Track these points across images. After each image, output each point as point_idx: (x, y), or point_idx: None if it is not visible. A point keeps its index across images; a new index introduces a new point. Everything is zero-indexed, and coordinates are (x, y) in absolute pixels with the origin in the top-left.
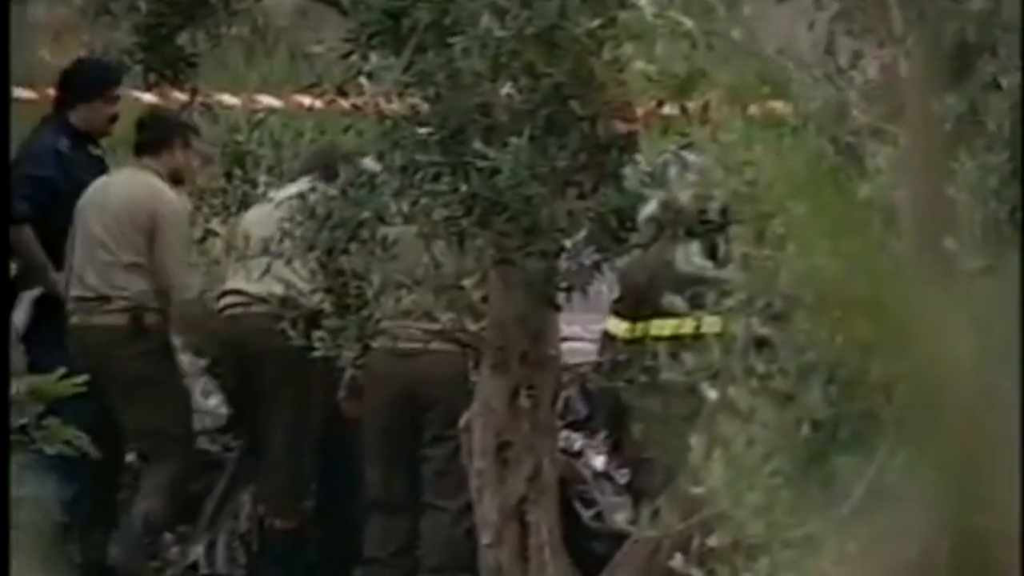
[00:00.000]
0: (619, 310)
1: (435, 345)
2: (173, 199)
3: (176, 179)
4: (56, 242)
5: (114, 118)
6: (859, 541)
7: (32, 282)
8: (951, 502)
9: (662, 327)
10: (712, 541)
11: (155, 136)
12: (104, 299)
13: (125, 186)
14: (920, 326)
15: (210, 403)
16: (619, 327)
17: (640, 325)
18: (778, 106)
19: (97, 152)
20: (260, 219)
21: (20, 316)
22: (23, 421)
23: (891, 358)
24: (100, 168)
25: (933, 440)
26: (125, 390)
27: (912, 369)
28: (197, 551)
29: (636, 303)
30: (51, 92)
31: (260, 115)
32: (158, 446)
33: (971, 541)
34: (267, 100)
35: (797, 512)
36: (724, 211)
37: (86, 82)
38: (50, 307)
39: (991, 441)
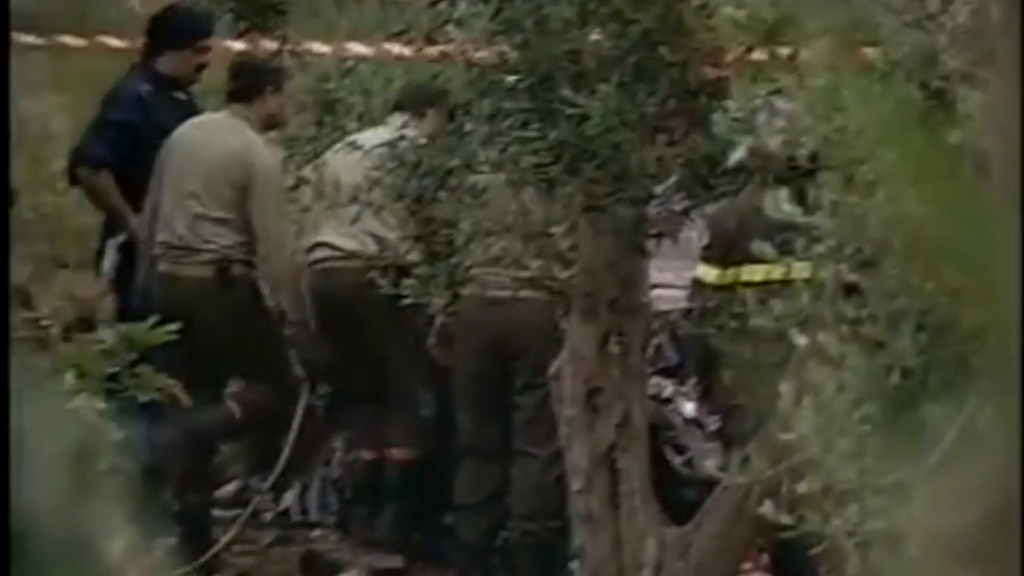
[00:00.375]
0: (709, 256)
1: (524, 293)
2: (266, 152)
3: (269, 126)
4: (136, 188)
5: (202, 67)
6: (949, 489)
7: (115, 230)
8: None
9: (752, 273)
10: (802, 488)
11: (247, 83)
12: (192, 250)
13: (218, 136)
14: (1010, 272)
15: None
16: (709, 273)
17: (730, 271)
18: (867, 52)
19: (183, 98)
20: (349, 166)
21: (107, 264)
22: (115, 369)
23: (981, 305)
24: (187, 114)
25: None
26: (216, 340)
27: (1002, 315)
28: (289, 498)
29: (726, 249)
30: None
31: (350, 63)
32: (254, 392)
33: None
34: (356, 48)
35: (887, 459)
36: (813, 157)
37: (175, 30)
38: (134, 253)
39: None
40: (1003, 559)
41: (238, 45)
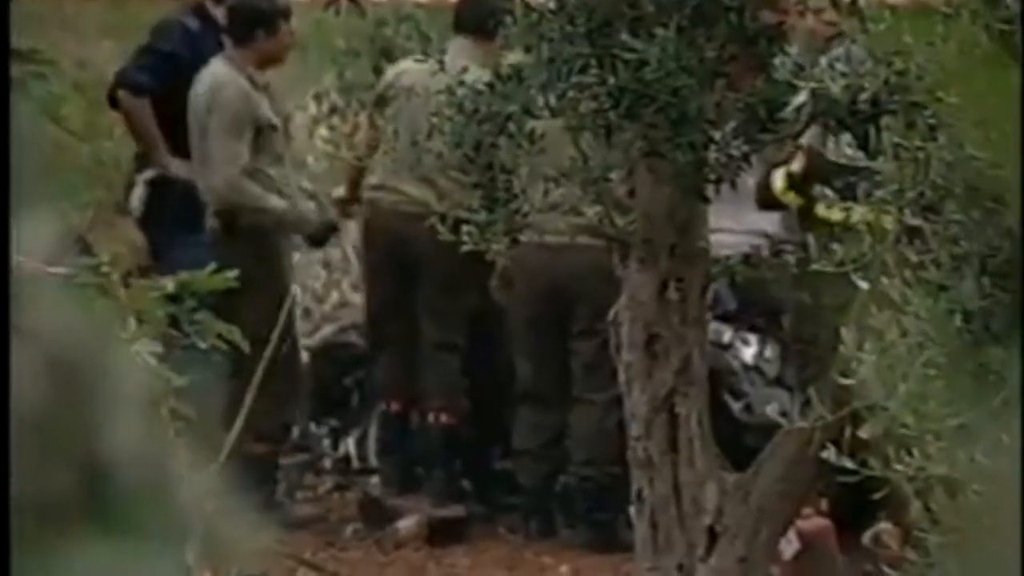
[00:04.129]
0: (793, 197)
1: (581, 240)
2: (230, 89)
3: (263, 64)
4: (175, 122)
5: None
6: (1012, 432)
7: (145, 163)
8: None
9: (827, 216)
10: (863, 433)
11: (241, 27)
12: (205, 200)
13: (202, 84)
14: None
15: (357, 298)
16: (792, 207)
17: (808, 212)
18: None
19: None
20: (410, 115)
21: (135, 199)
22: (171, 310)
23: None
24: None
25: None
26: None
27: None
28: (348, 443)
29: (806, 190)
30: None
31: (406, 9)
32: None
33: None
34: None
35: (950, 403)
36: (875, 101)
37: None
38: (164, 188)
39: None
40: None
41: None
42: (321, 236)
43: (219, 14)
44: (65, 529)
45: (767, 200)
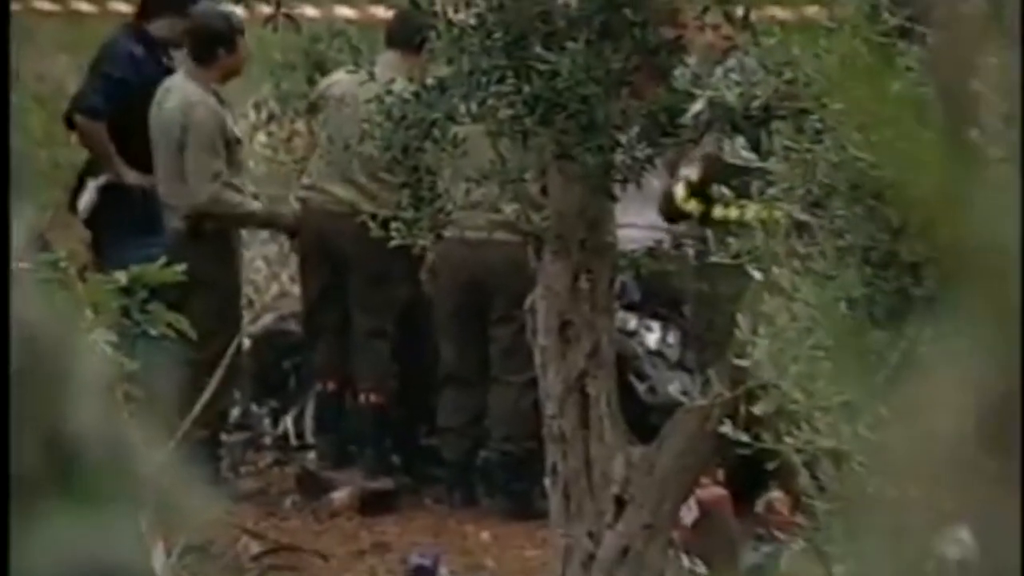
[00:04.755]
0: (690, 196)
1: (500, 235)
2: (202, 107)
3: (225, 78)
4: (127, 137)
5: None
6: (893, 409)
7: (97, 171)
8: (982, 371)
9: (722, 214)
10: (757, 409)
11: (202, 48)
12: (167, 206)
13: (171, 100)
14: (947, 211)
15: (295, 290)
16: (690, 209)
17: (705, 210)
18: (814, 11)
19: (167, 61)
20: (342, 118)
21: (84, 202)
22: (124, 302)
23: (920, 240)
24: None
25: (962, 314)
26: (184, 289)
27: (940, 249)
28: (286, 422)
29: (703, 190)
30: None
31: (339, 26)
32: (206, 338)
33: (998, 406)
34: (344, 11)
35: (835, 382)
36: (767, 108)
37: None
38: (115, 194)
39: (1011, 310)
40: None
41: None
42: (295, 228)
43: (157, 27)
44: (31, 499)
45: (672, 212)
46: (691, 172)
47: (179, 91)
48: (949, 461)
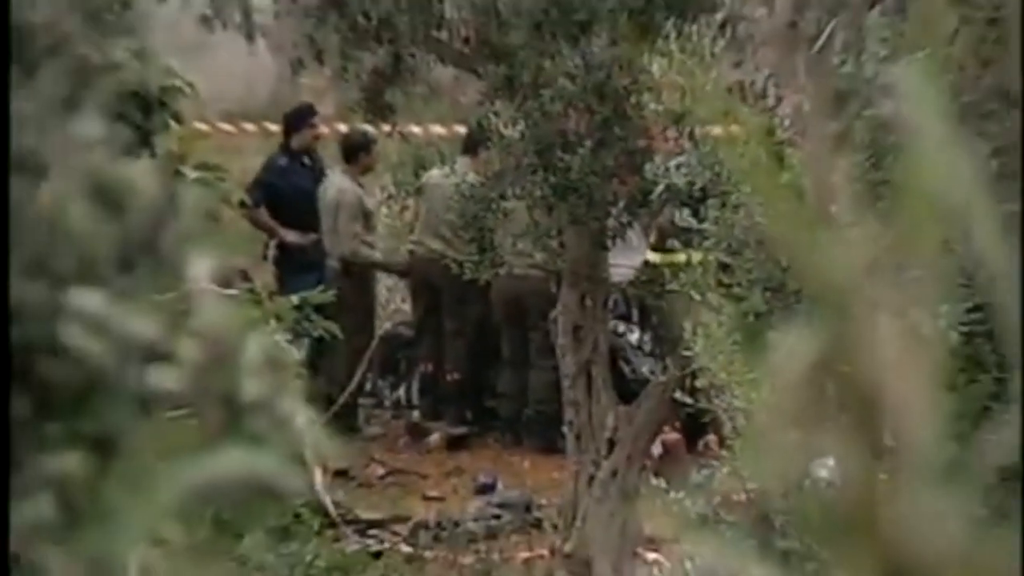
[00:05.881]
0: (655, 247)
1: (534, 272)
2: (350, 192)
3: (364, 173)
4: (286, 214)
5: (316, 138)
6: (780, 382)
7: (273, 237)
8: (830, 352)
9: (675, 257)
10: (699, 383)
11: (350, 152)
12: (328, 254)
13: (331, 188)
14: (815, 256)
15: (405, 307)
16: (655, 257)
17: (665, 256)
18: (735, 128)
19: (308, 162)
20: (435, 197)
21: (270, 253)
22: (296, 316)
23: (799, 274)
24: (312, 173)
25: (818, 323)
26: (339, 307)
27: (808, 281)
28: (400, 391)
29: (663, 243)
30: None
31: (433, 138)
32: (350, 339)
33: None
34: (437, 129)
35: (746, 365)
36: (703, 189)
37: (296, 120)
38: (286, 249)
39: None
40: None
41: (342, 127)
42: (406, 270)
43: (294, 141)
44: (215, 441)
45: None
46: (653, 238)
47: (335, 182)
48: (799, 412)
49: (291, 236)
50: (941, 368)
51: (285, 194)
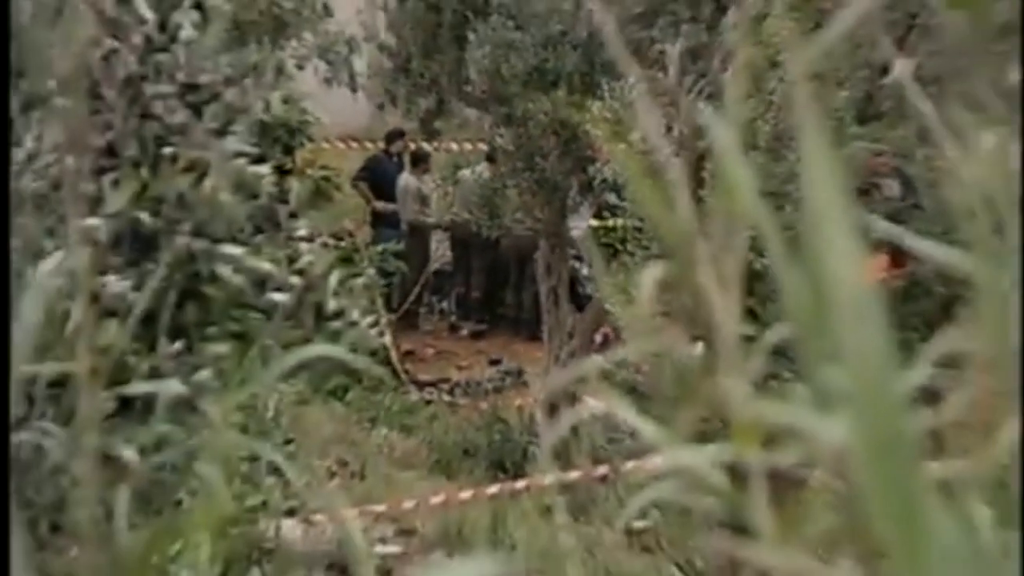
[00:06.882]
0: (596, 216)
1: (525, 231)
2: (413, 184)
3: (424, 173)
4: (378, 190)
5: (404, 147)
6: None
7: (370, 206)
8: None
9: (608, 223)
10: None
11: (416, 160)
12: (403, 220)
13: (402, 181)
14: (668, 222)
15: (448, 255)
16: (595, 222)
17: (602, 222)
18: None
19: (396, 160)
20: (464, 189)
21: (368, 217)
22: (382, 258)
23: (661, 232)
24: (397, 168)
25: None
26: (407, 253)
27: (665, 236)
28: (443, 304)
29: (600, 214)
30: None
31: (465, 151)
32: (413, 271)
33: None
34: (467, 146)
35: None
36: (623, 182)
37: (393, 136)
38: (377, 214)
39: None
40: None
41: (412, 145)
42: (450, 229)
43: (392, 148)
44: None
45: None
46: (594, 208)
47: (405, 178)
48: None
49: (379, 205)
50: (738, 284)
51: (380, 179)
